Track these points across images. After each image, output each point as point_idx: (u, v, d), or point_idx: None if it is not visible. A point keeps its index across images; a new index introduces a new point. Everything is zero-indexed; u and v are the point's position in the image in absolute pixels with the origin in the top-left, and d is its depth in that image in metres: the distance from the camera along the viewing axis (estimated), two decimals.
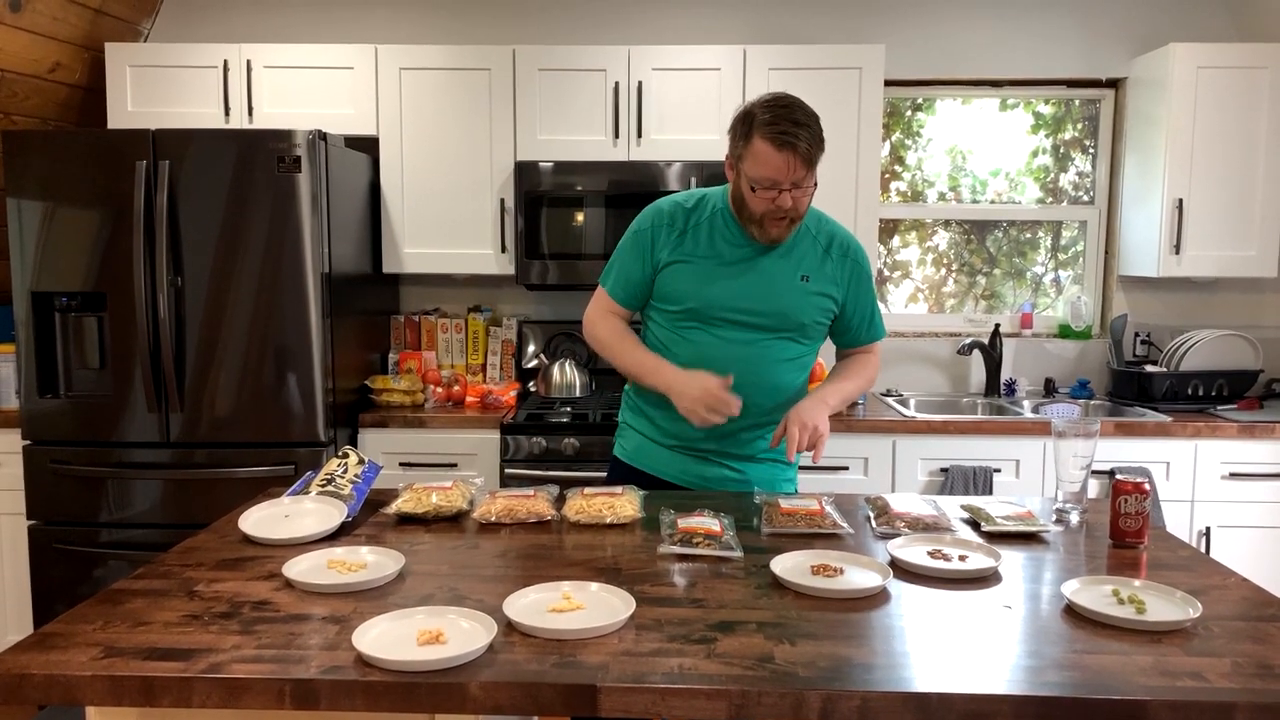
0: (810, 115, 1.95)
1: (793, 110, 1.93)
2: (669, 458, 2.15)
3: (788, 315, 2.06)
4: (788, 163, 1.91)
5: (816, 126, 1.95)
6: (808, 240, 2.10)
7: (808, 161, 1.93)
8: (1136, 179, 3.64)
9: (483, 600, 1.43)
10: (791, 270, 2.07)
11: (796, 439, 1.95)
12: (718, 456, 2.13)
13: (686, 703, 1.17)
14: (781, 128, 1.90)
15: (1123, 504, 1.74)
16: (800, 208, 1.99)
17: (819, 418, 1.99)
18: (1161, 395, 3.45)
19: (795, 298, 2.06)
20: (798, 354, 2.11)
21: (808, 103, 1.98)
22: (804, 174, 1.94)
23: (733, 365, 2.02)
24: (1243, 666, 1.24)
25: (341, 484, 1.93)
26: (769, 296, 2.05)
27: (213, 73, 3.45)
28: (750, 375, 2.03)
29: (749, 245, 2.07)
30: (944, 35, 3.76)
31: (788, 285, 2.06)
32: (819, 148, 1.94)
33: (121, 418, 3.08)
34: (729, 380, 1.97)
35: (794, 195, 1.95)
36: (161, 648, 1.27)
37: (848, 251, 2.13)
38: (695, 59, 3.41)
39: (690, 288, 2.07)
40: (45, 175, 3.01)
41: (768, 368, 2.07)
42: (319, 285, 3.04)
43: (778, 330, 2.07)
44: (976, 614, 1.41)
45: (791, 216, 1.99)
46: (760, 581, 1.54)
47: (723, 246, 2.07)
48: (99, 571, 3.12)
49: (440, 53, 3.44)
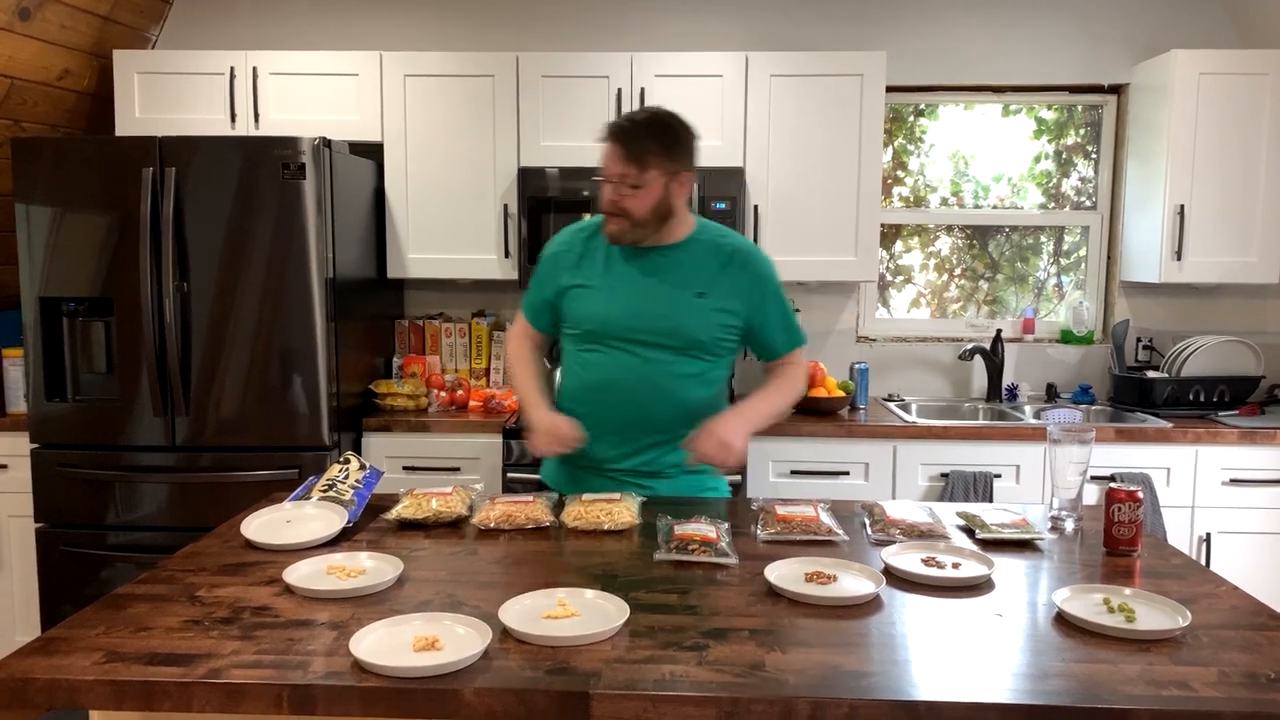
0: (656, 119, 2.00)
1: (640, 112, 2.02)
2: (582, 478, 2.15)
3: (684, 333, 2.05)
4: (610, 153, 1.97)
5: (657, 128, 1.98)
6: (704, 256, 2.09)
7: (629, 154, 1.95)
8: (1138, 185, 3.65)
9: (479, 606, 1.45)
10: (687, 287, 2.06)
11: (701, 450, 1.95)
12: (629, 476, 2.12)
13: (676, 709, 1.18)
14: (614, 121, 2.00)
15: (1116, 512, 1.76)
16: (627, 205, 1.99)
17: (732, 433, 1.97)
18: (1163, 401, 3.46)
19: (691, 314, 2.05)
20: (700, 370, 2.09)
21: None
22: (627, 169, 1.96)
23: (632, 385, 2.04)
24: (1229, 676, 1.25)
25: (343, 489, 1.95)
26: (664, 315, 2.05)
27: (219, 79, 3.48)
28: (651, 394, 2.04)
29: (644, 266, 2.07)
30: (946, 42, 3.77)
31: (683, 302, 2.05)
32: (650, 146, 1.96)
33: (128, 421, 3.11)
34: (577, 432, 2.04)
35: (620, 191, 1.98)
36: (163, 653, 1.30)
37: (746, 264, 2.10)
38: (697, 65, 3.43)
39: (587, 310, 2.10)
40: (53, 181, 3.04)
41: (668, 385, 2.05)
42: (324, 290, 3.07)
43: (675, 348, 2.05)
44: (968, 622, 1.43)
45: (620, 214, 2.00)
46: (754, 588, 1.55)
47: (619, 269, 2.09)
48: (106, 573, 3.15)
49: (444, 59, 3.46)
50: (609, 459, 2.12)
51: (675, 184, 2.01)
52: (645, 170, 1.96)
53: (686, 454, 2.01)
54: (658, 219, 2.02)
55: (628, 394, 2.05)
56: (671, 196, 2.01)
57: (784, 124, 3.44)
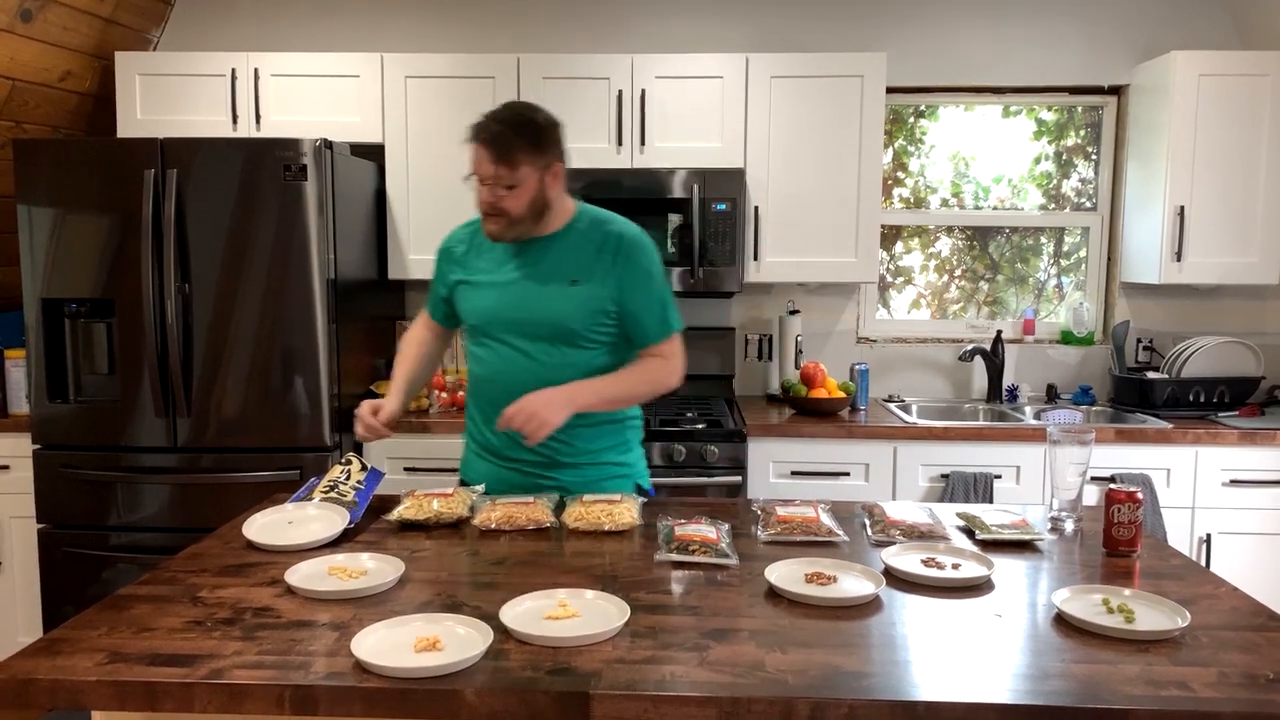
0: (519, 116, 2.00)
1: (501, 110, 2.01)
2: (485, 470, 2.18)
3: (559, 323, 2.05)
4: (479, 156, 1.98)
5: (522, 125, 1.98)
6: (580, 243, 2.09)
7: (500, 156, 1.95)
8: (1139, 186, 3.65)
9: (480, 607, 1.46)
10: (563, 277, 2.07)
11: (509, 416, 1.92)
12: (530, 467, 2.12)
13: (677, 710, 1.19)
14: (478, 124, 1.99)
15: (1116, 513, 1.76)
16: (504, 205, 1.99)
17: (546, 408, 1.93)
18: (1163, 402, 3.46)
19: (565, 304, 2.05)
20: (582, 360, 2.07)
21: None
22: (499, 170, 1.96)
23: (514, 377, 2.05)
24: (1228, 676, 1.25)
25: (344, 490, 1.95)
26: (539, 306, 2.06)
27: (221, 81, 3.49)
28: (531, 386, 2.02)
29: (523, 259, 2.09)
30: (946, 43, 3.77)
31: (557, 292, 2.06)
32: (518, 144, 1.96)
33: (130, 422, 3.11)
34: (382, 426, 2.10)
35: (496, 191, 1.98)
36: (165, 653, 1.30)
37: (619, 248, 2.07)
38: (698, 67, 3.43)
39: (469, 306, 2.14)
40: (55, 183, 3.05)
41: (549, 377, 2.04)
42: (325, 291, 3.07)
43: (553, 339, 2.06)
44: (968, 623, 1.43)
45: (499, 213, 2.01)
46: (755, 589, 1.56)
47: (501, 262, 2.11)
48: (107, 574, 3.16)
49: (445, 61, 3.47)
50: (503, 448, 2.13)
51: (549, 176, 2.03)
52: (517, 169, 1.97)
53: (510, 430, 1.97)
54: (535, 213, 2.04)
55: (509, 387, 2.05)
56: (546, 189, 2.03)
57: (784, 125, 3.45)
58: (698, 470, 3.18)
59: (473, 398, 2.19)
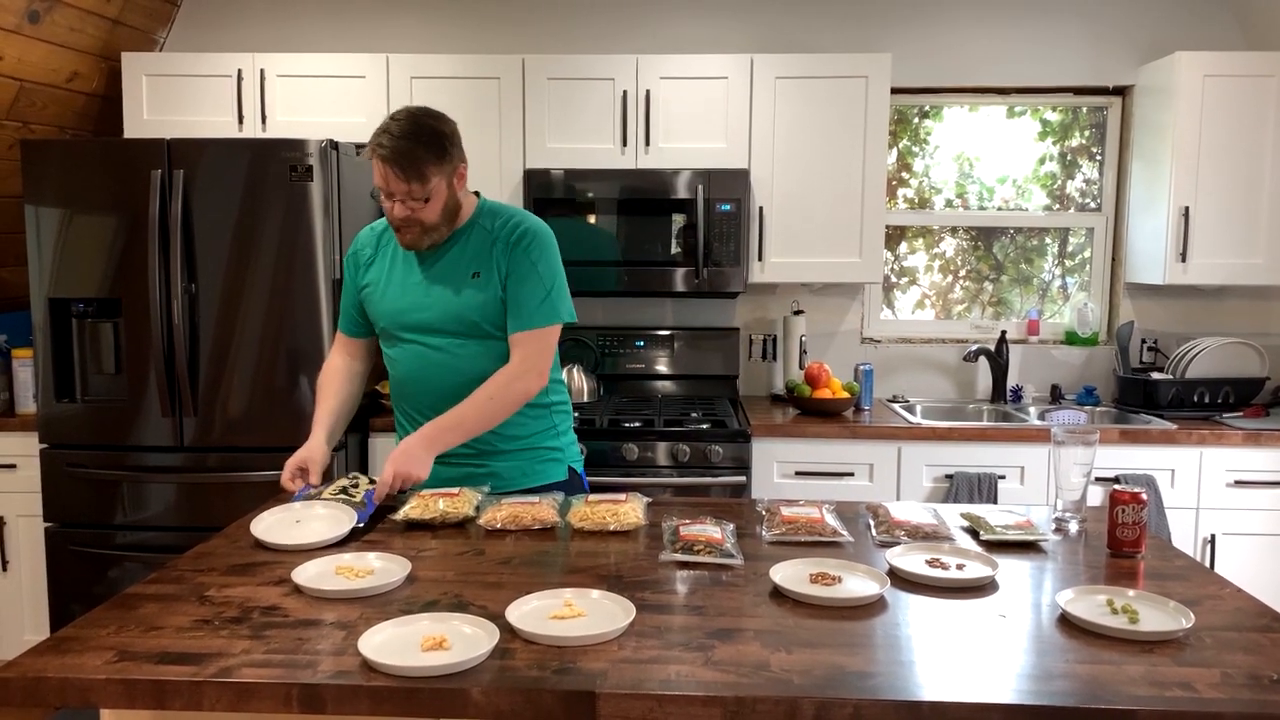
0: (421, 127, 1.96)
1: (397, 123, 1.96)
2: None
3: (462, 317, 2.06)
4: (386, 173, 1.96)
5: (424, 136, 1.95)
6: (479, 237, 2.10)
7: (409, 173, 1.94)
8: (1143, 186, 3.65)
9: (486, 606, 1.46)
10: (464, 271, 2.08)
11: (386, 485, 1.93)
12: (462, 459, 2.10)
13: (682, 709, 1.19)
14: (374, 139, 1.96)
15: (1120, 514, 1.76)
16: (419, 216, 1.99)
17: (412, 464, 1.94)
18: (1167, 402, 3.46)
19: (467, 298, 2.06)
20: (495, 350, 2.07)
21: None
22: (410, 186, 1.95)
23: (431, 373, 2.07)
24: (1232, 677, 1.26)
25: (353, 493, 1.96)
26: (443, 303, 2.07)
27: (227, 82, 3.50)
28: (446, 379, 2.05)
29: (427, 257, 2.10)
30: (951, 44, 3.77)
31: (460, 287, 2.07)
32: (424, 157, 1.94)
33: (136, 422, 3.13)
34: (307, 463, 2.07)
35: (409, 206, 1.98)
36: (173, 652, 1.31)
37: (511, 237, 2.08)
38: (702, 68, 3.44)
39: (378, 310, 2.15)
40: (62, 183, 3.06)
41: (461, 367, 2.06)
42: (330, 291, 3.08)
43: (460, 334, 2.07)
44: (972, 623, 1.44)
45: (414, 225, 2.01)
46: (759, 589, 1.56)
47: (407, 263, 2.12)
48: (114, 573, 3.17)
49: (451, 62, 3.48)
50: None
51: (456, 179, 2.04)
52: (427, 182, 1.96)
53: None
54: (449, 217, 2.06)
55: (426, 384, 2.08)
56: (455, 192, 2.05)
57: (789, 126, 3.45)
58: (702, 470, 3.19)
59: (396, 400, 2.21)
